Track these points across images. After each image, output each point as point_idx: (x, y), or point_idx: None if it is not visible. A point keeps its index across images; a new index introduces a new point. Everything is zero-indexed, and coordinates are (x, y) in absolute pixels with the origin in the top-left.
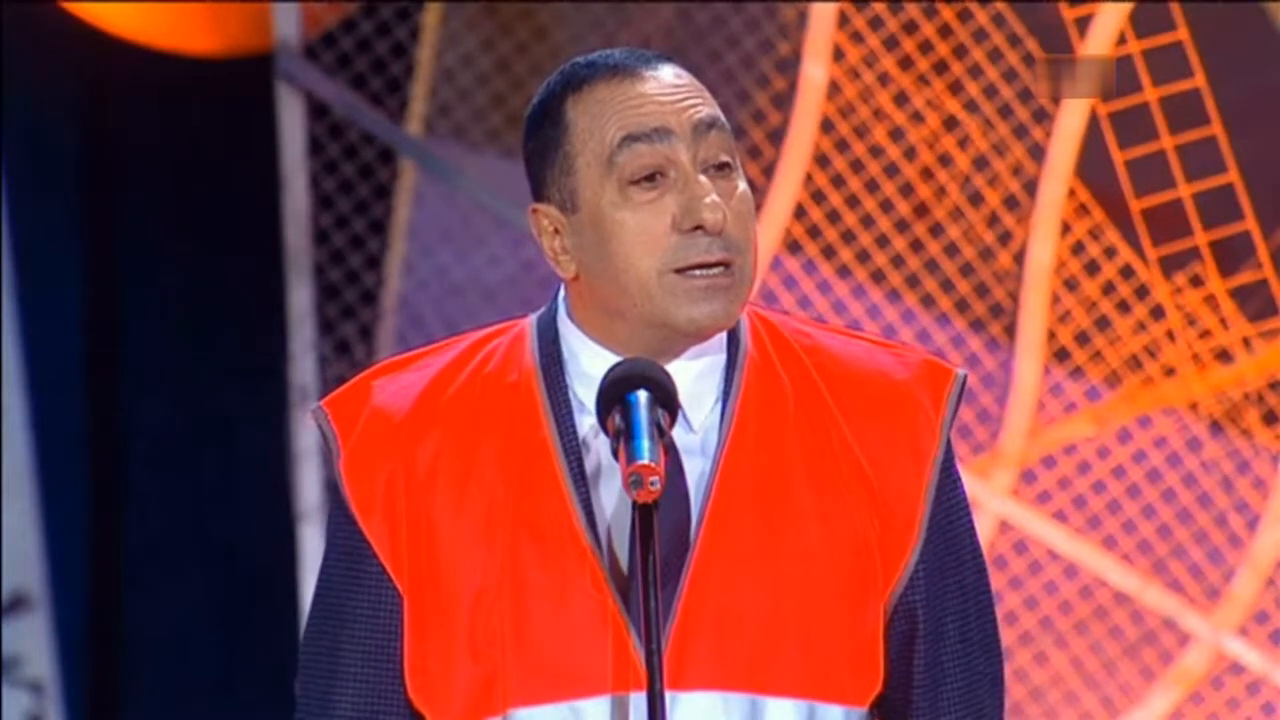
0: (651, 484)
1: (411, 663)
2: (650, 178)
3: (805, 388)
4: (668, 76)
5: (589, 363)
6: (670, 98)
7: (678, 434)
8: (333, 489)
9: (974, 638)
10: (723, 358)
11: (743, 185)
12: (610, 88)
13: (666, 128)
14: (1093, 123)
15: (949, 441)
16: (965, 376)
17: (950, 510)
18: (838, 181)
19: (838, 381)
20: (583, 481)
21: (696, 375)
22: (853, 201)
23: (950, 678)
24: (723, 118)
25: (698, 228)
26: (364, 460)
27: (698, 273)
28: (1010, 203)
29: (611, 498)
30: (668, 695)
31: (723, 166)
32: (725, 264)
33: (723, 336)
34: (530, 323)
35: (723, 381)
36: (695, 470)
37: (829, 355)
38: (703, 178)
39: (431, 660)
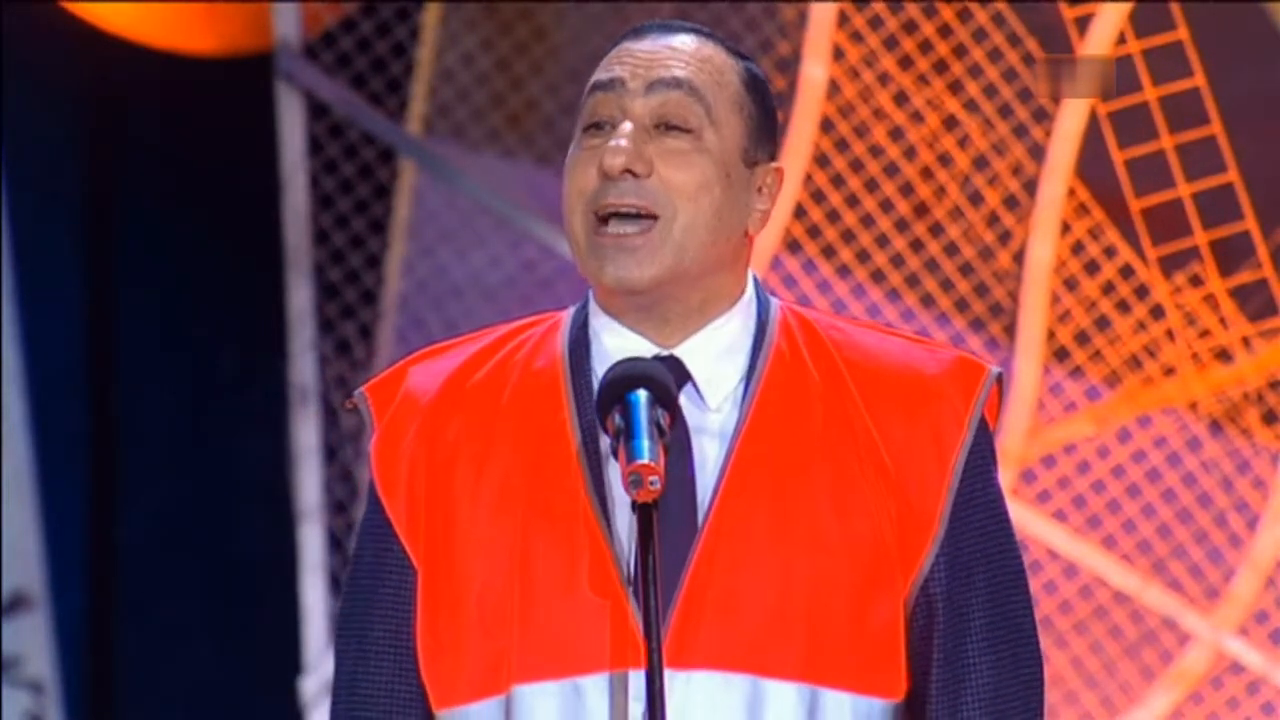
0: (651, 483)
1: (424, 641)
2: (599, 125)
3: (832, 380)
4: (670, 40)
5: (610, 341)
6: (651, 56)
7: (695, 413)
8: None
9: (1004, 635)
10: (748, 341)
11: (701, 152)
12: (617, 46)
13: (623, 79)
14: (1093, 122)
15: (980, 437)
16: (999, 374)
17: (980, 505)
18: (838, 181)
19: (865, 374)
20: (597, 463)
21: (715, 355)
22: (852, 201)
23: (974, 674)
24: (702, 88)
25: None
26: (391, 442)
27: (611, 226)
28: (1010, 202)
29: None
30: (668, 673)
31: (673, 127)
32: (644, 214)
33: (748, 321)
34: (568, 311)
35: (747, 366)
36: (711, 451)
37: (859, 349)
38: (627, 125)
39: (443, 639)
